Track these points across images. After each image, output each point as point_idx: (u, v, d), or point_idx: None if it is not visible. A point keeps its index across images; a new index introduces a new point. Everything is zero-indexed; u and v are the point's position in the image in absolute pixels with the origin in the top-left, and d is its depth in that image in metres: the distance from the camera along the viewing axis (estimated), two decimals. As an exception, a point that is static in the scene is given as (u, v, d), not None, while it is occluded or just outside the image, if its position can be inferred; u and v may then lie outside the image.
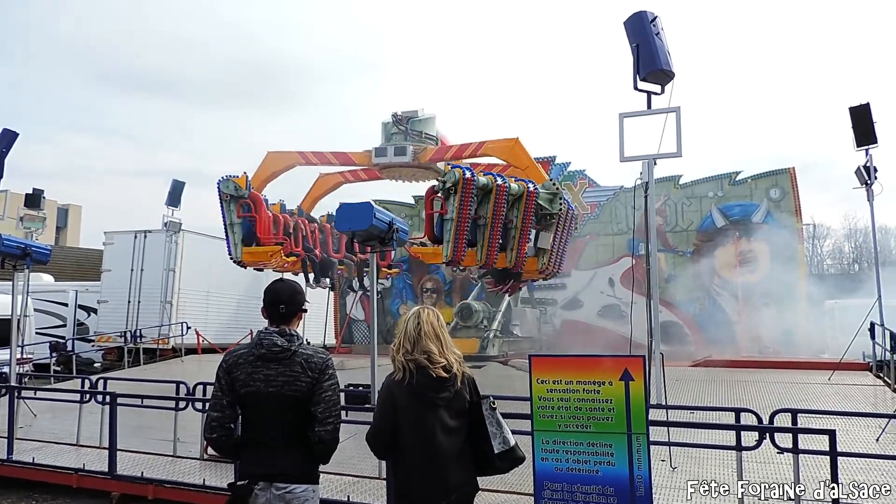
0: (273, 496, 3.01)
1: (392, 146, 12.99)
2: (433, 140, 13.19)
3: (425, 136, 13.12)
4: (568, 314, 19.75)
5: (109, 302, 18.56)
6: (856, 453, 5.78)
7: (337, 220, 6.28)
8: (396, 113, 13.22)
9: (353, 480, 6.45)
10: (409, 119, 13.12)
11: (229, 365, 3.15)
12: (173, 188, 19.32)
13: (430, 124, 13.32)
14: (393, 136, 13.19)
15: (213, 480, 6.46)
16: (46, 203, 18.96)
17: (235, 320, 19.39)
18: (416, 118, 13.18)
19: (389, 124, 13.30)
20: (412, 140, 12.98)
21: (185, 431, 7.78)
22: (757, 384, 10.33)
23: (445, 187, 9.95)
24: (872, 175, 11.32)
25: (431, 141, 13.13)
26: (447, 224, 10.04)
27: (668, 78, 7.28)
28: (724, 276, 17.99)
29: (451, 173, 9.99)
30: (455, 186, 9.89)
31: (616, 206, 19.42)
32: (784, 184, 17.90)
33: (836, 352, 14.34)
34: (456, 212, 9.92)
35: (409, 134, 13.01)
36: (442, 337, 3.19)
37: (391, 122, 13.24)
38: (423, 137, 13.06)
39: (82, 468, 7.18)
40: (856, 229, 42.97)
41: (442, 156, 12.97)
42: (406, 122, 13.08)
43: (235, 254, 12.35)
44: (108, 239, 19.17)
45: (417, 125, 13.11)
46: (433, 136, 13.26)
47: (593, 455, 3.76)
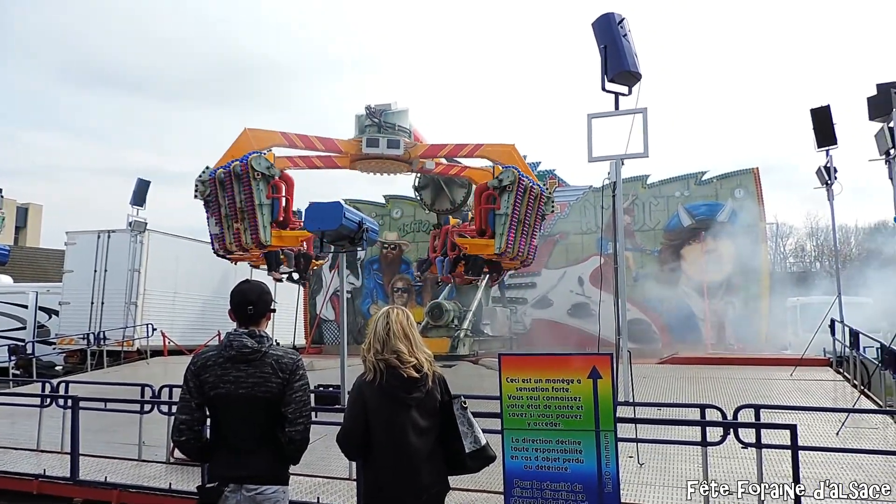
0: (243, 498, 2.99)
1: (385, 138, 12.91)
2: (406, 133, 13.35)
3: (398, 128, 13.25)
4: (538, 313, 19.90)
5: (71, 303, 18.11)
6: (816, 447, 5.91)
7: (306, 219, 6.22)
8: (370, 106, 13.33)
9: (322, 482, 6.40)
10: (382, 112, 13.25)
11: (198, 367, 3.11)
12: (138, 187, 18.91)
13: (403, 117, 13.49)
14: (367, 128, 13.25)
15: (180, 484, 6.35)
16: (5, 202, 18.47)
17: (202, 322, 19.08)
18: (389, 111, 13.31)
19: (363, 117, 13.41)
20: (386, 133, 13.05)
21: (150, 435, 7.63)
22: (722, 380, 10.53)
23: (502, 185, 11.16)
24: (833, 175, 11.62)
25: (405, 133, 13.29)
26: (500, 219, 11.34)
27: (635, 79, 7.39)
28: (690, 274, 18.30)
29: (508, 173, 11.41)
30: (511, 185, 11.17)
31: (585, 205, 19.61)
32: (748, 184, 18.27)
33: (798, 348, 14.72)
34: (511, 208, 11.28)
35: (382, 127, 13.13)
36: (411, 336, 3.18)
37: (365, 114, 13.35)
38: (396, 130, 13.17)
39: (43, 474, 7.01)
40: (817, 228, 44.07)
41: (435, 153, 13.31)
42: (379, 114, 13.21)
43: (264, 237, 11.05)
44: (70, 239, 18.70)
45: (391, 118, 13.25)
46: (406, 129, 13.42)
47: (562, 453, 3.79)
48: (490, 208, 11.65)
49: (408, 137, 13.27)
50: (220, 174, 11.15)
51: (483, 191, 11.79)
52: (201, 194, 11.39)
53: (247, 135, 12.13)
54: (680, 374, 11.23)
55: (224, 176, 11.11)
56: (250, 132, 12.19)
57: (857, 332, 10.15)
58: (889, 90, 9.18)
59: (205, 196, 11.36)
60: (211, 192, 11.27)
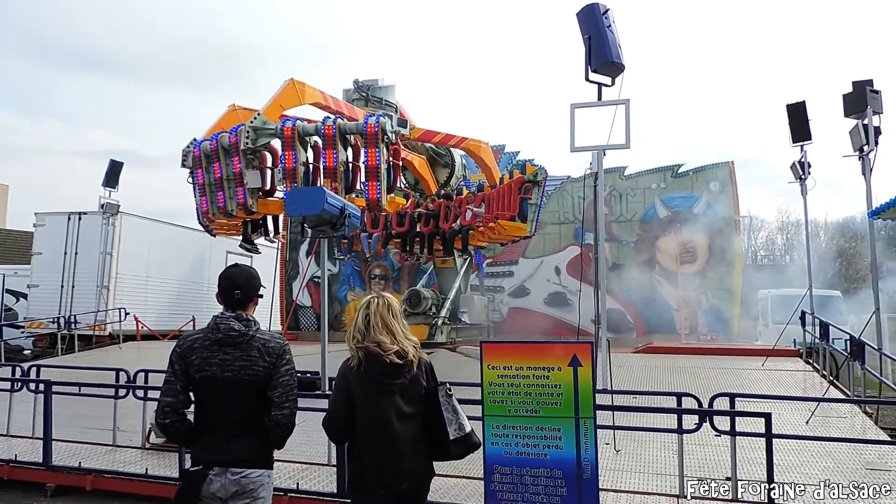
0: (228, 481, 2.98)
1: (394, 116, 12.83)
2: (392, 108, 13.62)
3: (385, 103, 13.53)
4: (515, 301, 20.02)
5: (40, 286, 17.70)
6: (788, 435, 6.06)
7: (287, 204, 6.16)
8: (358, 80, 13.63)
9: (302, 467, 6.40)
10: (369, 87, 13.57)
11: (183, 349, 3.09)
12: (111, 168, 18.50)
13: (390, 92, 13.87)
14: (354, 101, 13.37)
15: (157, 470, 6.30)
16: (-30, 182, 17.96)
17: (177, 306, 18.84)
18: (376, 86, 13.62)
19: (351, 91, 13.67)
20: (373, 106, 13.23)
21: (125, 421, 7.54)
22: (695, 370, 10.71)
23: (536, 180, 13.35)
24: (806, 170, 11.82)
25: (391, 108, 13.53)
26: (532, 207, 13.47)
27: (618, 70, 7.42)
28: (665, 265, 18.54)
29: (543, 171, 13.94)
30: (542, 181, 13.63)
31: (563, 195, 19.72)
32: (723, 177, 18.53)
33: (768, 339, 15.02)
34: (539, 199, 13.74)
35: (370, 101, 13.46)
36: (392, 326, 3.16)
37: (353, 88, 13.65)
38: (383, 104, 13.43)
39: (14, 459, 6.89)
40: (788, 222, 44.93)
41: (430, 138, 13.81)
42: (367, 89, 13.54)
43: (384, 203, 10.55)
44: (38, 220, 18.24)
45: (378, 93, 13.62)
46: (392, 104, 13.72)
47: (542, 439, 3.84)
48: (525, 198, 13.36)
49: (394, 112, 13.41)
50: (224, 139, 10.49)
51: (521, 183, 13.48)
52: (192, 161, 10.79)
53: (293, 85, 11.26)
54: (655, 363, 11.39)
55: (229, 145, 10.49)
56: (296, 83, 11.30)
57: (826, 324, 10.39)
58: (864, 87, 9.35)
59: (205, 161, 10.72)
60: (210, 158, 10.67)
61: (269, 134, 10.13)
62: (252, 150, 10.18)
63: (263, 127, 10.10)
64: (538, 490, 3.81)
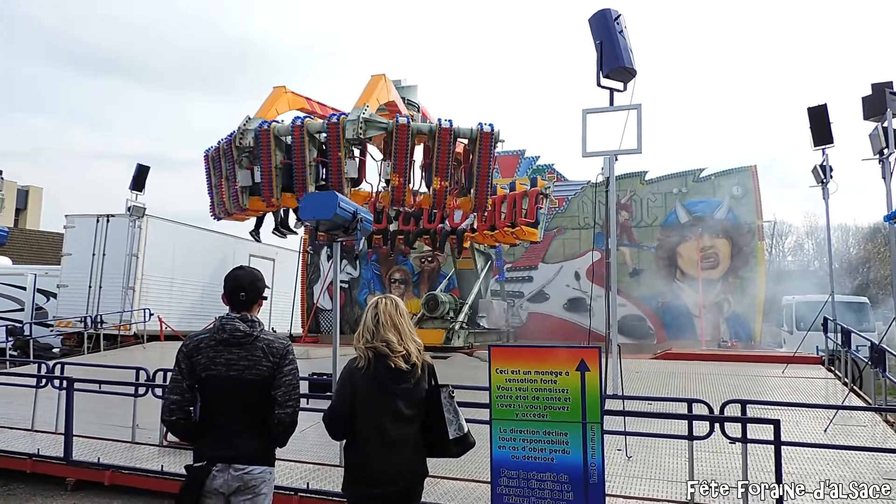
0: (231, 477, 3.05)
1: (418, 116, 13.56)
2: (415, 107, 13.96)
3: (408, 102, 13.77)
4: (534, 307, 19.97)
5: (69, 286, 18.13)
6: (800, 443, 5.97)
7: (301, 208, 6.25)
8: None
9: (313, 468, 6.46)
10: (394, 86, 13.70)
11: (189, 349, 3.17)
12: (137, 172, 18.87)
13: (413, 92, 14.21)
14: None
15: (172, 467, 6.41)
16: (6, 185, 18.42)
17: (200, 308, 19.14)
18: (400, 86, 13.78)
19: None
20: None
21: (144, 418, 7.67)
22: (713, 377, 10.59)
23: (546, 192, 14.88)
24: (828, 174, 11.64)
25: (414, 108, 13.85)
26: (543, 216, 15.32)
27: (630, 75, 7.40)
28: (686, 270, 18.36)
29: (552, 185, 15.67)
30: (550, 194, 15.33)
31: (583, 200, 19.64)
32: (746, 181, 18.31)
33: (792, 346, 14.80)
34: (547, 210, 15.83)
35: None
36: (400, 326, 3.24)
37: None
38: (406, 103, 13.65)
39: (37, 453, 7.06)
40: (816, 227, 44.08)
41: None
42: None
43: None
44: (69, 222, 18.70)
45: (402, 92, 13.79)
46: (415, 104, 14.04)
47: (549, 443, 3.83)
48: (539, 207, 14.87)
49: (416, 111, 13.77)
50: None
51: (536, 194, 14.77)
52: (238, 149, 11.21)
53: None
54: (672, 370, 11.29)
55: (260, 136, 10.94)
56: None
57: (848, 331, 10.21)
58: (883, 90, 9.19)
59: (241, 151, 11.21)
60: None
61: (380, 127, 10.66)
62: (359, 140, 10.62)
63: (374, 120, 10.69)
64: (544, 494, 3.80)
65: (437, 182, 10.77)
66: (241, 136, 10.99)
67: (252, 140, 10.91)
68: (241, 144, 11.02)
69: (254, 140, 10.88)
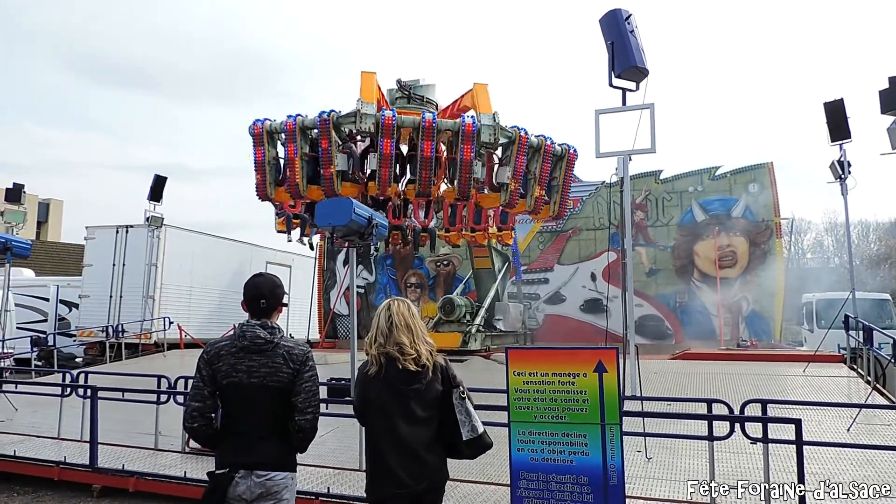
0: (254, 483, 3.07)
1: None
2: (433, 105, 14.38)
3: (426, 100, 14.27)
4: (550, 308, 19.91)
5: (91, 297, 18.41)
6: (821, 442, 5.91)
7: (317, 215, 6.32)
8: (401, 80, 14.42)
9: (333, 472, 6.51)
10: (412, 86, 14.35)
11: (211, 356, 3.20)
12: (155, 183, 19.14)
13: (431, 91, 14.64)
14: (396, 100, 14.21)
15: (195, 473, 6.49)
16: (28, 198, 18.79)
17: (218, 315, 19.32)
18: (417, 85, 14.40)
19: (394, 90, 14.48)
20: (415, 104, 14.11)
21: (166, 425, 7.77)
22: (733, 376, 10.49)
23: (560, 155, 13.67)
24: (846, 169, 11.51)
25: (432, 106, 14.28)
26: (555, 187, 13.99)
27: (642, 75, 7.39)
28: (703, 269, 18.21)
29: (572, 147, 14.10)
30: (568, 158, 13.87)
31: (598, 201, 19.56)
32: (762, 179, 18.12)
33: (813, 344, 14.62)
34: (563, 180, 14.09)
35: (412, 99, 14.26)
36: (413, 327, 3.27)
37: (396, 88, 14.46)
38: (424, 102, 14.19)
39: (63, 461, 7.18)
40: (835, 223, 43.42)
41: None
42: (410, 88, 14.33)
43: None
44: (89, 234, 18.99)
45: (419, 91, 14.39)
46: (433, 102, 14.48)
47: (568, 445, 3.82)
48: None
49: (434, 109, 14.10)
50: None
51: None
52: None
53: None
54: (691, 370, 11.21)
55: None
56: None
57: (870, 328, 10.08)
58: (901, 84, 9.09)
59: None
60: None
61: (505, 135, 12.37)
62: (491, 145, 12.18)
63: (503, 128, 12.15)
64: (564, 497, 3.79)
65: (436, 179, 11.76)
66: (357, 120, 11.70)
67: (371, 126, 11.67)
68: (361, 129, 11.79)
69: (373, 126, 11.65)
